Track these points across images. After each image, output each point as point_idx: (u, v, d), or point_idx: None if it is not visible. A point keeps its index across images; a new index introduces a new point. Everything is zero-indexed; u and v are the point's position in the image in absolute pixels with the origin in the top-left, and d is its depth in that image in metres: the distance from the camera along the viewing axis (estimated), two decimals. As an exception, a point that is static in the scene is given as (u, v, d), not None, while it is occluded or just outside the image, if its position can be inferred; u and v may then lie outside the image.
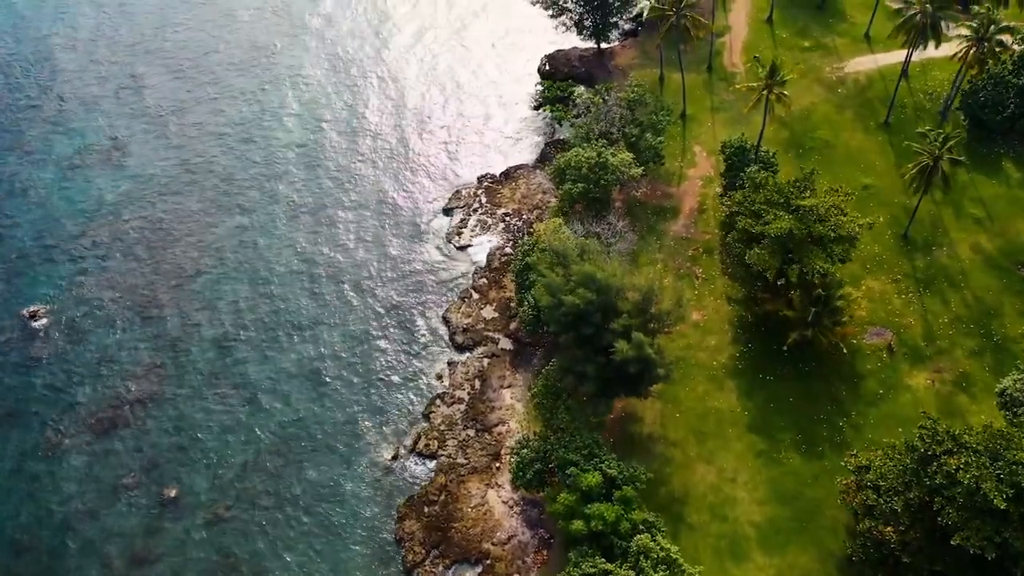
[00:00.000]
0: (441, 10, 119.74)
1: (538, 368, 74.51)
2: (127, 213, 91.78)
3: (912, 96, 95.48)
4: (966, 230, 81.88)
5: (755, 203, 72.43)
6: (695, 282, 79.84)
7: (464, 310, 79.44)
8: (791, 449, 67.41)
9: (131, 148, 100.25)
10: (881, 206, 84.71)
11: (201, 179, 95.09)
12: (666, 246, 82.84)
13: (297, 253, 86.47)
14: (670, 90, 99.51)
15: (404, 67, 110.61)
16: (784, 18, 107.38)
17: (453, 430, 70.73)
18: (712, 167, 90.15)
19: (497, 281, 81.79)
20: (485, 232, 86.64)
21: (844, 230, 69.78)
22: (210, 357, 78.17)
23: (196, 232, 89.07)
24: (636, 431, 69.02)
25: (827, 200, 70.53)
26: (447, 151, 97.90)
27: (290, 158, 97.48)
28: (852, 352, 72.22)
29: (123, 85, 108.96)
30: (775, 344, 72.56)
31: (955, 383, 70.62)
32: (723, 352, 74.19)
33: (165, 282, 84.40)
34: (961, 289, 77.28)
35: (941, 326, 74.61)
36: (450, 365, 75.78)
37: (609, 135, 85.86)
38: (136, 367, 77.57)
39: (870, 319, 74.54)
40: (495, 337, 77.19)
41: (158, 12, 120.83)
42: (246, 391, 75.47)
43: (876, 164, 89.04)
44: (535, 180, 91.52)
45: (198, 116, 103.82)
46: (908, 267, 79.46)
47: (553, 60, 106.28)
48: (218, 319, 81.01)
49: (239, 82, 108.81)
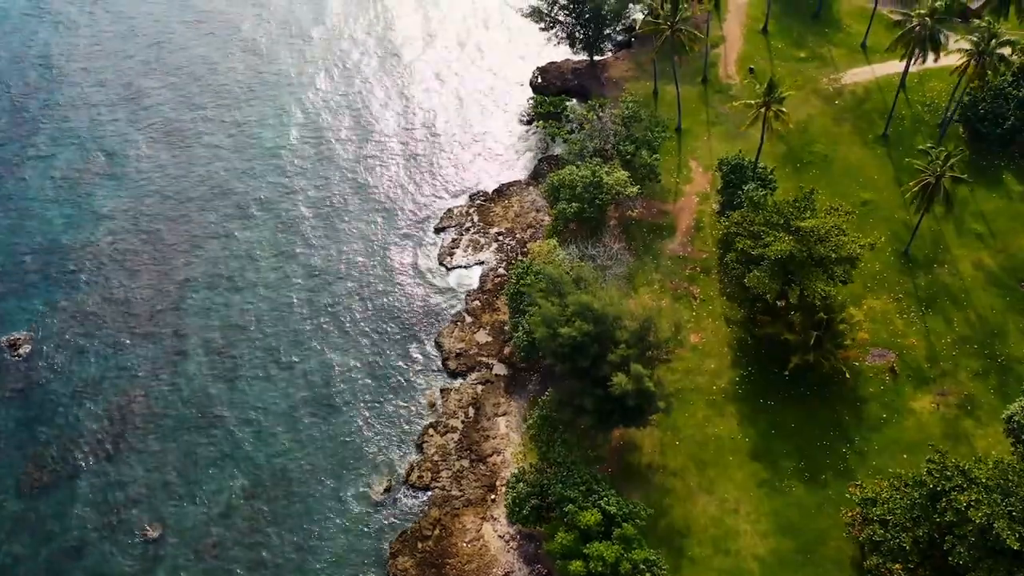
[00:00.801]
0: (430, 24, 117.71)
1: (533, 394, 72.74)
2: (112, 234, 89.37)
3: (910, 108, 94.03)
4: (968, 246, 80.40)
5: (754, 224, 70.76)
6: (693, 303, 78.10)
7: (457, 334, 77.46)
8: (794, 477, 65.71)
9: (116, 165, 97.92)
10: (881, 222, 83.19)
11: (185, 203, 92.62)
12: (663, 266, 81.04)
13: (285, 278, 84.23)
14: (665, 103, 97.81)
15: (394, 82, 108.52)
16: (779, 28, 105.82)
17: (447, 460, 68.77)
18: (708, 182, 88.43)
19: (490, 303, 79.87)
20: (478, 252, 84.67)
21: (845, 250, 68.18)
22: (196, 386, 75.94)
23: (181, 256, 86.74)
24: (635, 460, 67.21)
25: (828, 221, 68.88)
26: (438, 168, 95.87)
27: (277, 181, 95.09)
28: (854, 375, 70.62)
29: (114, 99, 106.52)
30: (776, 367, 71.01)
31: (960, 406, 69.09)
32: (723, 376, 72.46)
33: (150, 307, 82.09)
34: (964, 308, 75.77)
35: (944, 347, 73.08)
36: (443, 392, 73.82)
37: (603, 152, 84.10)
38: (120, 397, 75.29)
39: (872, 340, 72.85)
40: (489, 362, 75.24)
41: (158, 24, 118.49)
42: (233, 421, 73.29)
43: (875, 178, 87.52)
44: (528, 197, 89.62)
45: (184, 133, 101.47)
46: (910, 285, 77.91)
47: (545, 73, 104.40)
48: (204, 346, 78.77)
49: (227, 96, 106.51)
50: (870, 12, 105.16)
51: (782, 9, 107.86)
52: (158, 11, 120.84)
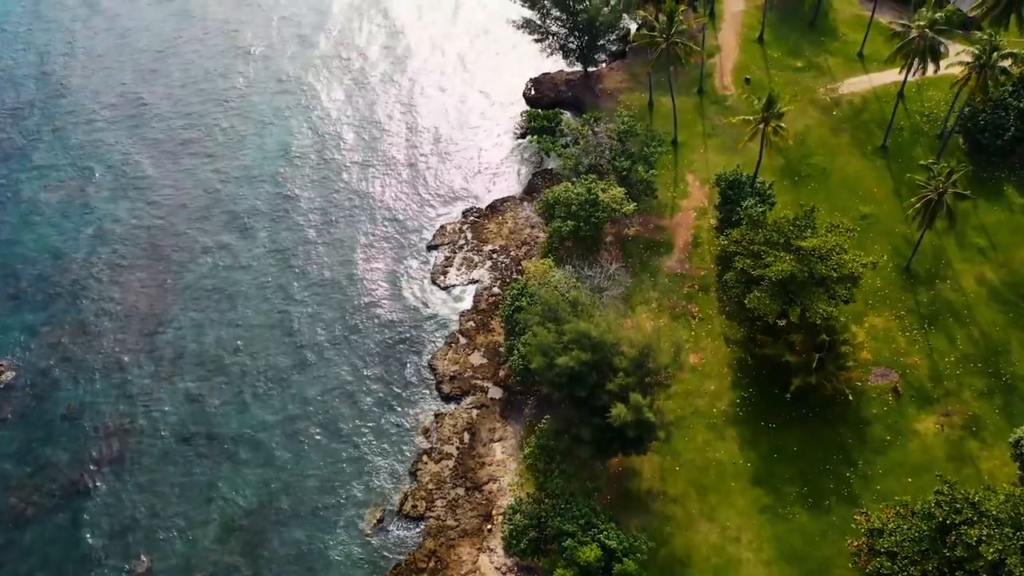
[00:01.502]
0: (420, 36, 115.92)
1: (529, 419, 71.10)
2: (96, 255, 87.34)
3: (909, 118, 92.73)
4: (970, 261, 79.08)
5: (754, 242, 69.28)
6: (691, 322, 76.56)
7: (451, 356, 75.73)
8: (797, 503, 64.20)
9: (109, 179, 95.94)
10: (881, 236, 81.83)
11: (178, 218, 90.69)
12: (660, 284, 79.48)
13: (273, 299, 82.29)
14: (660, 115, 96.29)
15: (384, 97, 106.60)
16: (775, 37, 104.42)
17: (442, 489, 67.03)
18: (706, 197, 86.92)
19: (485, 324, 78.15)
20: (471, 270, 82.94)
21: (847, 269, 66.79)
22: (182, 412, 74.04)
23: (168, 276, 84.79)
24: (634, 486, 65.62)
25: (829, 239, 67.42)
26: (430, 183, 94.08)
27: (265, 197, 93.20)
28: (857, 395, 69.13)
29: (108, 111, 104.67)
30: (776, 388, 69.49)
31: (964, 427, 67.68)
32: (723, 398, 70.93)
33: (136, 331, 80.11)
34: (967, 325, 74.43)
35: (948, 365, 71.71)
36: (437, 417, 72.08)
37: (598, 167, 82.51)
38: (104, 425, 73.32)
39: (874, 359, 71.46)
40: (484, 385, 73.53)
41: (154, 34, 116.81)
42: (221, 449, 71.41)
43: (874, 191, 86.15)
44: (522, 213, 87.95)
45: (176, 147, 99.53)
46: (911, 302, 76.52)
47: (539, 84, 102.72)
48: (190, 370, 76.88)
49: (217, 115, 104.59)
50: (866, 20, 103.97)
51: (778, 18, 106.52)
52: (156, 21, 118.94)
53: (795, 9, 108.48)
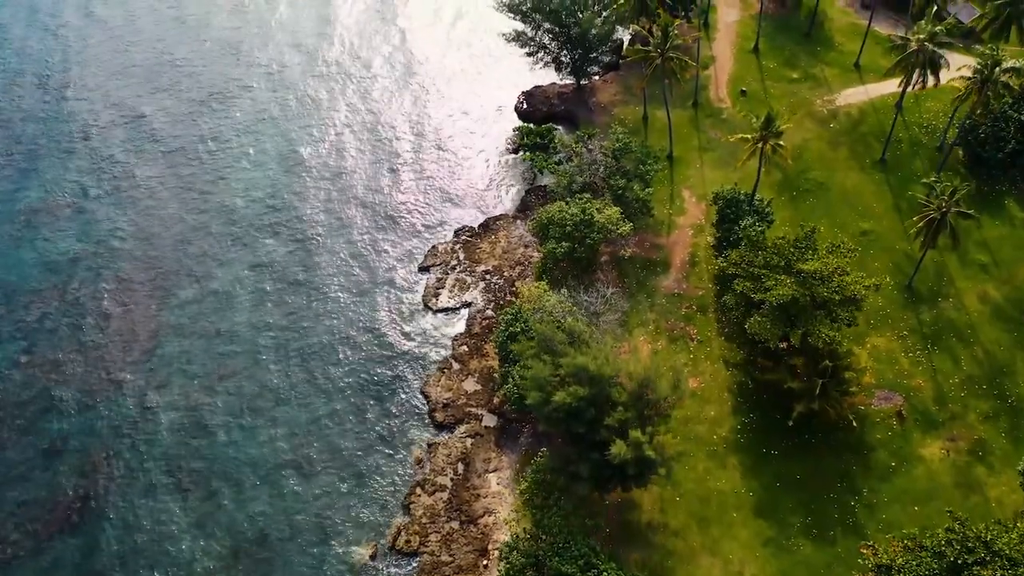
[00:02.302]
0: (410, 47, 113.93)
1: (525, 448, 69.16)
2: (78, 279, 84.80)
3: (907, 130, 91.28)
4: (972, 278, 77.60)
5: (753, 264, 67.59)
6: (690, 344, 74.80)
7: (444, 383, 73.71)
8: (801, 535, 62.46)
9: (88, 201, 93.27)
10: (882, 253, 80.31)
11: (159, 242, 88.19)
12: (657, 304, 77.69)
13: (261, 325, 79.96)
14: (655, 128, 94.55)
15: (373, 111, 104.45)
16: (770, 47, 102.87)
17: (436, 522, 65.01)
18: (703, 214, 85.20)
19: (478, 348, 76.15)
20: (464, 292, 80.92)
21: (849, 291, 65.17)
22: (166, 444, 71.73)
23: (152, 301, 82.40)
24: (634, 518, 63.74)
25: (831, 262, 65.76)
26: (421, 202, 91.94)
27: (253, 218, 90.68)
28: (860, 419, 67.45)
29: (87, 128, 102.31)
30: (778, 414, 67.77)
31: (971, 452, 66.15)
32: (723, 424, 69.17)
33: (118, 359, 77.70)
34: (971, 345, 72.93)
35: (952, 387, 70.17)
36: (430, 447, 70.04)
37: (593, 186, 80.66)
38: (86, 459, 70.91)
39: (877, 382, 69.86)
40: (478, 413, 71.55)
41: (140, 48, 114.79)
42: (206, 484, 69.10)
43: (874, 207, 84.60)
44: (516, 232, 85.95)
45: (158, 170, 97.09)
46: (914, 321, 74.97)
47: (531, 97, 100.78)
48: (176, 400, 74.55)
49: (202, 131, 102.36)
50: (862, 29, 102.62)
51: (773, 27, 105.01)
52: (147, 29, 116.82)
53: (790, 18, 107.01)
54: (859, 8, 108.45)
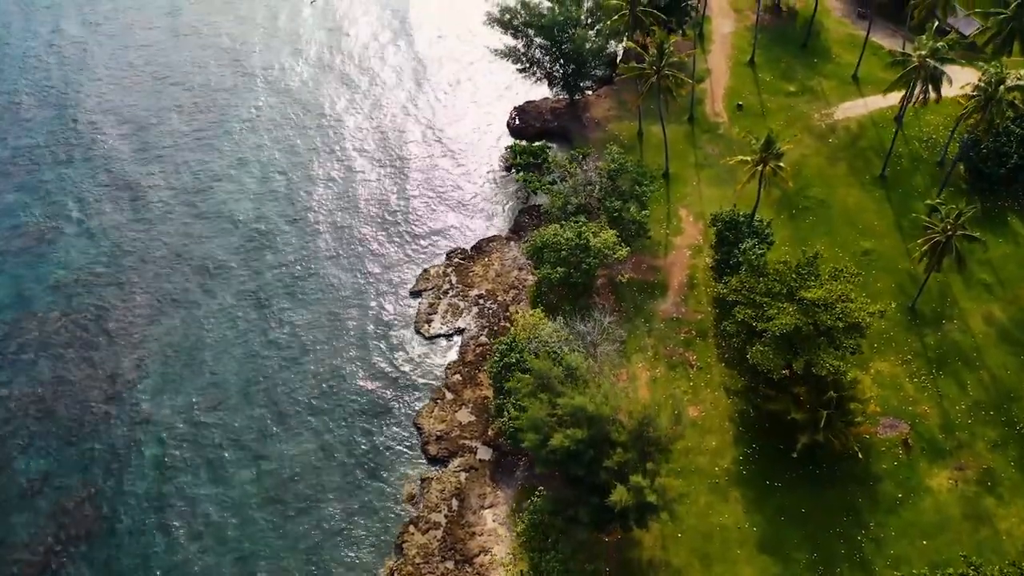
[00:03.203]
0: (400, 62, 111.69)
1: (521, 482, 67.09)
2: (57, 308, 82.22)
3: (907, 144, 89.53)
4: (976, 299, 75.84)
5: (755, 291, 65.68)
6: (689, 371, 72.83)
7: (437, 414, 71.54)
8: (807, 572, 60.53)
9: (67, 226, 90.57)
10: (884, 273, 78.49)
11: (143, 268, 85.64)
12: (655, 329, 75.68)
13: (246, 355, 77.55)
14: (650, 144, 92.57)
15: (364, 128, 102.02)
16: (767, 59, 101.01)
17: (430, 563, 62.83)
18: (700, 233, 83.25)
19: (472, 377, 74.00)
20: (457, 318, 78.72)
21: (852, 318, 63.30)
22: (151, 481, 69.35)
23: (134, 331, 79.86)
24: (635, 557, 61.71)
25: (835, 288, 63.86)
26: (412, 223, 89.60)
27: (238, 241, 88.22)
28: (865, 449, 65.60)
29: (66, 149, 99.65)
30: (781, 443, 65.83)
31: (979, 482, 64.35)
32: (725, 455, 67.22)
33: (100, 392, 75.23)
34: (977, 369, 71.16)
35: (959, 414, 68.38)
36: (423, 482, 67.84)
37: (588, 207, 78.62)
38: (68, 498, 68.46)
39: (882, 409, 67.98)
40: (472, 445, 69.39)
41: (129, 66, 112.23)
42: (192, 521, 66.78)
43: (875, 225, 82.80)
44: (509, 254, 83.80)
45: (139, 189, 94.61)
46: (918, 345, 73.16)
47: (523, 113, 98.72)
48: (159, 435, 72.15)
49: (187, 151, 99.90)
50: (859, 39, 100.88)
51: (769, 39, 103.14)
52: (116, 51, 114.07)
53: (786, 29, 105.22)
54: (856, 19, 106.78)
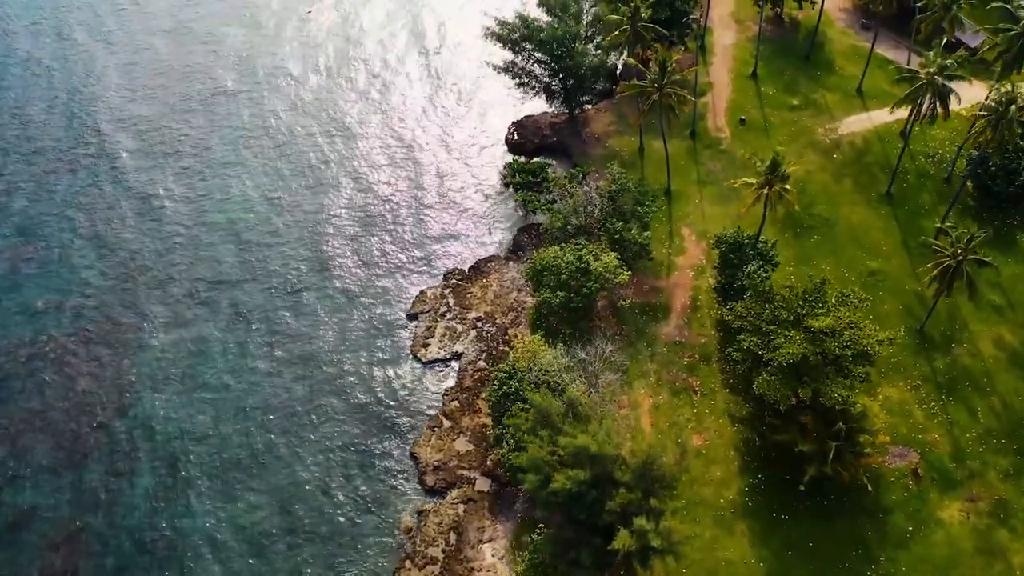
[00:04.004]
0: (394, 77, 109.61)
1: (520, 514, 65.24)
2: (46, 332, 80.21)
3: (913, 160, 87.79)
4: (986, 321, 74.13)
5: (760, 318, 63.86)
6: (693, 397, 71.02)
7: (434, 443, 69.66)
8: (816, 610, 58.87)
9: (51, 246, 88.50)
10: (891, 295, 76.76)
11: (131, 291, 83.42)
12: (658, 354, 73.84)
13: (237, 380, 75.55)
14: (651, 160, 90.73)
15: (358, 146, 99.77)
16: (769, 72, 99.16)
17: (427, 600, 61.04)
18: (703, 253, 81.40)
19: (470, 404, 72.13)
20: (455, 342, 76.81)
21: (861, 345, 61.51)
22: (141, 514, 67.40)
23: (124, 356, 77.83)
24: (638, 593, 59.88)
25: (843, 316, 62.04)
26: (408, 243, 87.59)
27: (229, 261, 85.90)
28: (875, 479, 63.83)
29: (52, 162, 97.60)
30: (787, 474, 64.10)
31: (992, 514, 62.65)
32: (730, 486, 65.42)
33: (87, 421, 73.21)
34: (988, 395, 69.46)
35: (970, 442, 66.68)
36: (420, 515, 65.96)
37: (588, 228, 76.78)
38: (54, 533, 66.49)
39: (891, 437, 66.14)
40: (471, 476, 67.52)
41: (120, 75, 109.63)
42: (183, 557, 64.86)
43: (881, 244, 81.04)
44: (508, 275, 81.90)
45: (127, 208, 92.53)
46: (927, 369, 71.42)
47: (521, 128, 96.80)
48: (149, 465, 70.21)
49: (179, 170, 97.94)
50: (862, 51, 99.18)
51: (771, 50, 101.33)
52: (106, 68, 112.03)
53: (789, 41, 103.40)
54: (859, 29, 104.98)
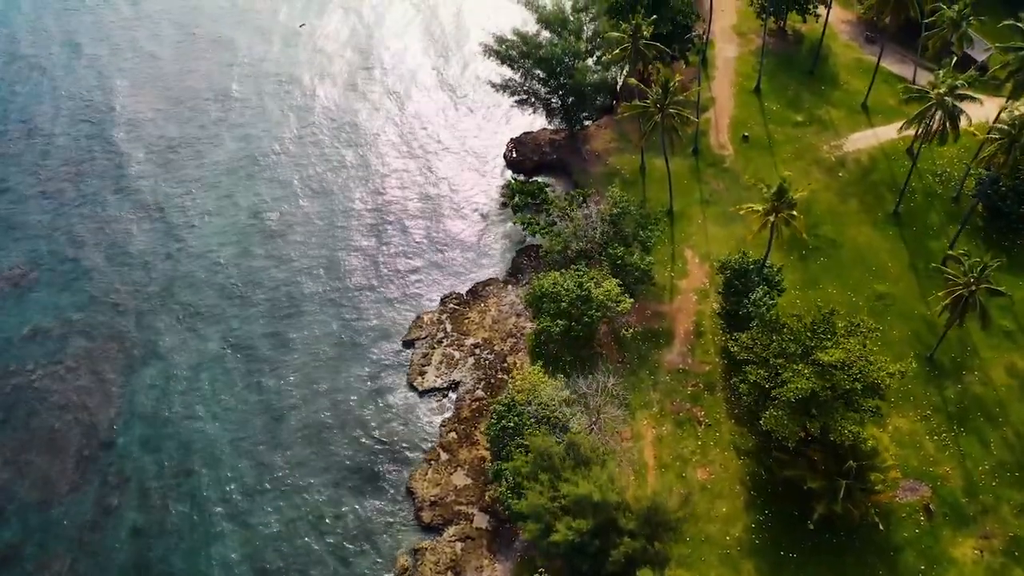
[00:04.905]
0: (392, 91, 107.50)
1: (520, 553, 63.19)
2: (32, 360, 78.04)
3: (920, 179, 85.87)
4: (997, 347, 72.25)
5: (768, 350, 61.92)
6: (697, 428, 69.07)
7: (431, 476, 67.64)
8: (826, 655, 56.97)
9: (41, 270, 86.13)
10: (899, 320, 74.85)
11: (120, 316, 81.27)
12: (661, 382, 71.88)
13: (228, 411, 73.34)
14: (653, 179, 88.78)
15: (353, 165, 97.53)
16: (773, 87, 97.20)
17: (424, 644, 59.04)
18: (706, 276, 79.46)
19: (468, 435, 70.13)
20: (452, 370, 74.79)
21: (871, 377, 59.60)
22: (129, 552, 65.30)
23: (113, 385, 75.69)
24: (642, 637, 57.89)
25: (853, 348, 60.08)
26: (404, 266, 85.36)
27: (221, 285, 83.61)
28: (885, 515, 61.91)
29: (40, 188, 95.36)
30: (796, 510, 62.24)
31: (1006, 552, 60.81)
32: (736, 522, 63.47)
33: (76, 451, 71.09)
34: (1000, 425, 67.60)
35: (983, 475, 64.80)
36: (417, 553, 63.93)
37: (588, 253, 74.81)
38: (40, 572, 64.43)
39: (902, 470, 64.26)
40: (469, 512, 65.53)
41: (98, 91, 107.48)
42: (173, 600, 62.98)
43: (889, 266, 79.14)
44: (506, 299, 79.89)
45: (115, 230, 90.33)
46: (938, 399, 69.52)
47: (521, 145, 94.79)
48: (138, 499, 68.10)
49: (168, 188, 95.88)
50: (867, 64, 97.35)
51: (774, 64, 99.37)
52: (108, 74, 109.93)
53: (792, 54, 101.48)
54: (863, 42, 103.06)
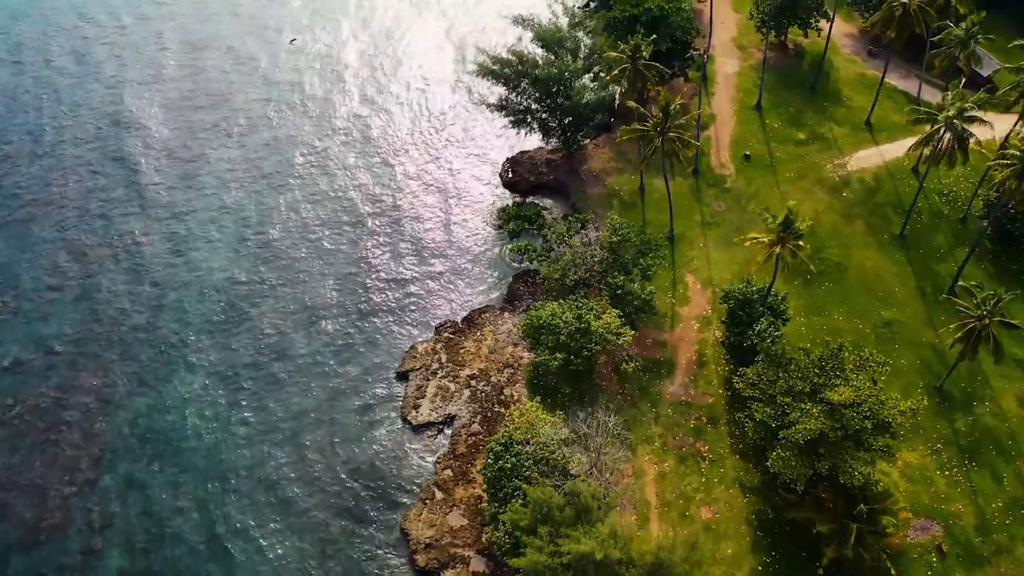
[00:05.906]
0: (384, 110, 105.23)
1: (520, 599, 60.96)
2: (13, 393, 75.48)
3: (927, 199, 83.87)
4: (1008, 376, 70.19)
5: (774, 387, 59.75)
6: (701, 464, 66.89)
7: (426, 517, 65.31)
8: None
9: (22, 305, 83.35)
10: (907, 347, 72.78)
11: (103, 348, 78.57)
12: (663, 415, 69.68)
13: (215, 448, 70.82)
14: (652, 200, 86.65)
15: (349, 185, 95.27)
16: (774, 103, 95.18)
17: None
18: (708, 302, 77.30)
19: (464, 473, 67.82)
20: (447, 403, 72.45)
21: (882, 415, 57.46)
22: (113, 599, 63.03)
23: (98, 419, 73.16)
24: None
25: (863, 385, 57.91)
26: (397, 293, 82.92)
27: (207, 312, 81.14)
28: (896, 556, 59.77)
29: (26, 211, 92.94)
30: (804, 551, 60.17)
31: (1022, 595, 58.74)
32: (742, 565, 61.28)
33: (57, 492, 68.56)
34: (1013, 459, 65.57)
35: (996, 513, 62.72)
36: (411, 600, 61.76)
37: (587, 281, 72.57)
38: (22, 618, 62.17)
39: (912, 508, 62.20)
40: (465, 555, 63.22)
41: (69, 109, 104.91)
42: (158, 648, 60.56)
43: (896, 291, 77.08)
44: (503, 327, 77.59)
45: (99, 255, 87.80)
46: (948, 431, 67.47)
47: (517, 165, 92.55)
48: (122, 542, 65.54)
49: (149, 216, 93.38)
50: (870, 80, 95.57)
51: (776, 80, 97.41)
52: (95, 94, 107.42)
53: (793, 69, 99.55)
54: (866, 57, 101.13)
